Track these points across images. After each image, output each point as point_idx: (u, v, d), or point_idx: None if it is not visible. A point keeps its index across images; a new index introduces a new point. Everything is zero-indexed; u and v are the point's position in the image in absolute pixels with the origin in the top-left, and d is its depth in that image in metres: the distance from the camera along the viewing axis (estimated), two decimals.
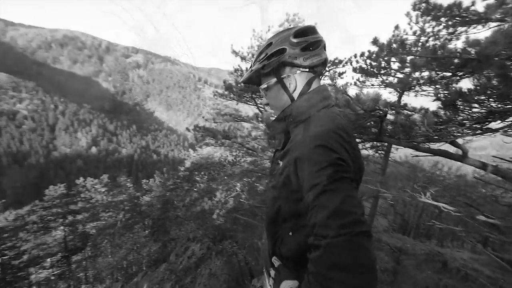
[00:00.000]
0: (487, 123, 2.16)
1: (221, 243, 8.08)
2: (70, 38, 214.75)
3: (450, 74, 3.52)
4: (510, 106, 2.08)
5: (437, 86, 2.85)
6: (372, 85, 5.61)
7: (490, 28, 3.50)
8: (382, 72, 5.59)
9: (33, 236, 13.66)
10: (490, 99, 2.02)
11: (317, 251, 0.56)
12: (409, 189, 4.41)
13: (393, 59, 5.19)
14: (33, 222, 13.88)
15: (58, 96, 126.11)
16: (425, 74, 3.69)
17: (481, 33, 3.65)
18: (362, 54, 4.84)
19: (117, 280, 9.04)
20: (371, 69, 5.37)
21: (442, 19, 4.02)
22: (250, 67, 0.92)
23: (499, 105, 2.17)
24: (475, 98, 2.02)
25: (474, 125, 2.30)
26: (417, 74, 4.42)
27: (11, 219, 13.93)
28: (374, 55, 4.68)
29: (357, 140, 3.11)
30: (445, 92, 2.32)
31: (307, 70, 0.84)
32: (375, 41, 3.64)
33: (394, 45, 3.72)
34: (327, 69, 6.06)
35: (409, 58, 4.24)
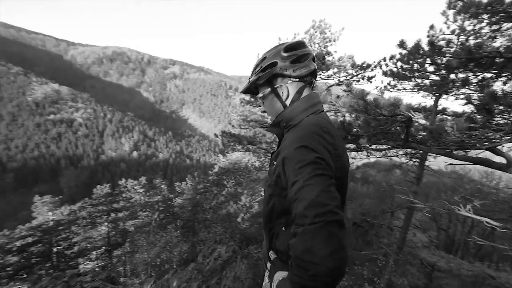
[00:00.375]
0: None
1: (246, 248, 8.18)
2: (118, 54, 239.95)
3: (491, 75, 3.21)
4: None
5: (470, 88, 2.63)
6: (404, 88, 5.30)
7: None
8: (416, 74, 5.26)
9: (82, 230, 15.31)
10: None
11: (296, 238, 0.63)
12: (451, 201, 4.01)
13: (428, 60, 4.87)
14: (83, 217, 15.57)
15: (107, 105, 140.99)
16: (462, 76, 3.41)
17: None
18: (392, 57, 4.64)
19: (150, 276, 9.65)
20: (403, 72, 5.10)
21: (484, 15, 3.70)
22: (249, 79, 1.03)
23: None
24: None
25: None
26: (453, 76, 4.08)
27: (66, 214, 15.86)
28: (405, 58, 4.44)
29: (384, 146, 2.99)
30: (479, 94, 2.15)
31: (297, 80, 0.93)
32: (401, 44, 3.48)
33: (425, 47, 3.50)
34: (355, 73, 5.91)
35: (445, 59, 3.96)
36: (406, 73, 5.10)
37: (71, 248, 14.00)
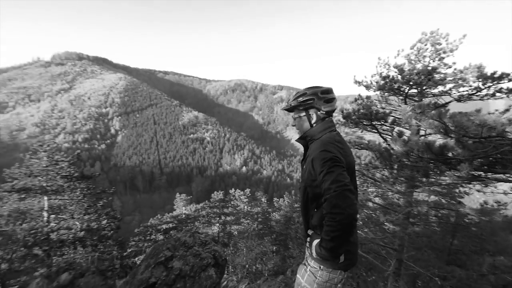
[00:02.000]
0: None
1: None
2: (238, 85, 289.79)
3: None
4: None
5: None
6: None
7: None
8: None
9: (201, 226, 19.04)
10: None
11: (326, 201, 1.09)
12: None
13: None
14: (203, 216, 19.45)
15: (227, 127, 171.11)
16: None
17: None
18: None
19: (246, 277, 10.75)
20: None
21: None
22: (289, 101, 1.51)
23: None
24: None
25: None
26: None
27: (193, 210, 20.37)
28: None
29: (489, 174, 2.37)
30: None
31: (324, 113, 1.40)
32: None
33: None
34: (482, 86, 4.75)
35: None
36: None
37: None
